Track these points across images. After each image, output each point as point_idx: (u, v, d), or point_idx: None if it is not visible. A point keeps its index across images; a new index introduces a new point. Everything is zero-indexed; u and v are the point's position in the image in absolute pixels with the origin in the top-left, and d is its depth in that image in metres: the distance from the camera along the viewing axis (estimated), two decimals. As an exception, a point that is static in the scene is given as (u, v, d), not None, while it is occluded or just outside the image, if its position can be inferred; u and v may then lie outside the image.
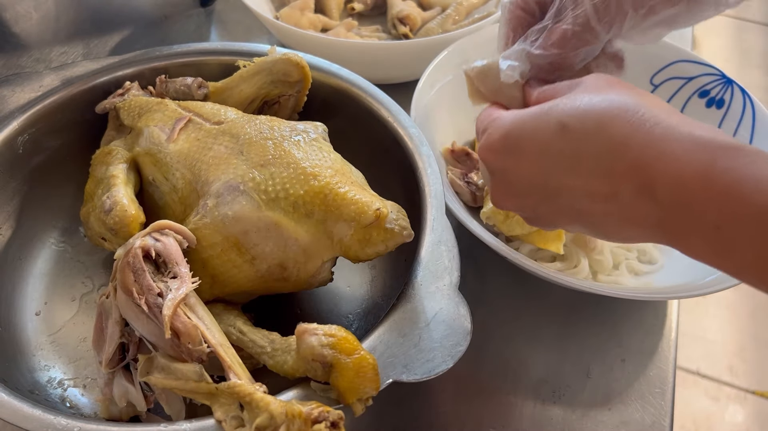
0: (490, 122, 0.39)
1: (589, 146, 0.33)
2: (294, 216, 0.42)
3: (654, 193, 0.31)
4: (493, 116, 0.39)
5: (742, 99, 0.62)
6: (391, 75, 0.74)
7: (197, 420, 0.36)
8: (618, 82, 0.36)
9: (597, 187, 0.34)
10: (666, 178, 0.30)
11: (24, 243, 0.53)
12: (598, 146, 0.33)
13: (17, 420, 0.36)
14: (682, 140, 0.30)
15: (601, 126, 0.33)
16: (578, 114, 0.34)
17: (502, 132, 0.37)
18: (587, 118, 0.33)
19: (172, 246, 0.41)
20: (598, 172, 0.33)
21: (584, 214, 0.36)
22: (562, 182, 0.35)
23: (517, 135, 0.37)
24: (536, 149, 0.36)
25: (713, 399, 1.38)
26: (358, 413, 0.36)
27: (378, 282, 0.54)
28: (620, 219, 0.34)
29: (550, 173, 0.36)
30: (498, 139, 0.38)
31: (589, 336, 0.54)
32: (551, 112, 0.35)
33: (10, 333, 0.49)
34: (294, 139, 0.46)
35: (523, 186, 0.38)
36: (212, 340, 0.39)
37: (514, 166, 0.38)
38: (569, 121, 0.34)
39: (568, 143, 0.34)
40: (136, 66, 0.57)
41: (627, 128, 0.32)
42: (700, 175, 0.29)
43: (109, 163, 0.50)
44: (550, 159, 0.35)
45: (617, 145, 0.32)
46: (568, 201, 0.36)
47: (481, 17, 0.78)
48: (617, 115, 0.32)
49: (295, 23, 0.79)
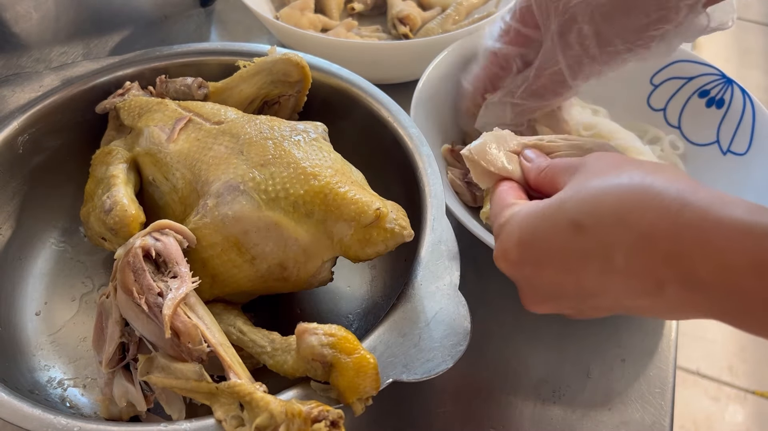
0: (501, 227, 0.37)
1: (615, 242, 0.30)
2: (294, 216, 0.42)
3: (702, 285, 0.28)
4: (503, 217, 0.37)
5: (742, 99, 0.62)
6: (391, 75, 0.74)
7: (197, 420, 0.36)
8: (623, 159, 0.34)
9: (638, 284, 0.31)
10: (711, 269, 0.28)
11: (24, 243, 0.54)
12: (625, 242, 0.30)
13: (17, 420, 0.36)
14: (721, 227, 0.27)
15: (620, 219, 0.30)
16: (591, 209, 0.31)
17: (515, 240, 0.35)
18: (603, 213, 0.31)
19: (172, 245, 0.41)
20: (634, 269, 0.30)
21: (632, 309, 0.33)
22: (597, 284, 0.33)
23: (530, 241, 0.34)
24: (556, 254, 0.33)
25: (713, 399, 1.38)
26: (358, 413, 0.36)
27: (378, 282, 0.54)
28: (672, 310, 0.31)
29: (580, 276, 0.33)
30: (512, 248, 0.35)
31: (589, 336, 0.54)
32: (561, 211, 0.33)
33: (10, 333, 0.49)
34: (294, 138, 0.46)
35: (552, 291, 0.36)
36: (212, 340, 0.39)
37: (536, 273, 0.35)
38: (584, 219, 0.32)
39: (591, 243, 0.32)
40: (136, 66, 0.57)
41: (650, 216, 0.29)
42: (751, 266, 0.26)
43: (109, 163, 0.50)
44: (575, 262, 0.33)
45: (645, 237, 0.29)
46: (611, 300, 0.33)
47: (481, 17, 0.78)
48: (635, 202, 0.30)
49: (295, 23, 0.79)
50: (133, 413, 0.42)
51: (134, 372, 0.41)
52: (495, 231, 0.38)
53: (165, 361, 0.39)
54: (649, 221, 0.29)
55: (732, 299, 0.28)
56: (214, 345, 0.38)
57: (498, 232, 0.37)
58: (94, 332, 0.43)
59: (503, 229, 0.36)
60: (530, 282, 0.36)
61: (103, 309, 0.43)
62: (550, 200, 0.34)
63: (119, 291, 0.40)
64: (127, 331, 0.41)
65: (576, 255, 0.32)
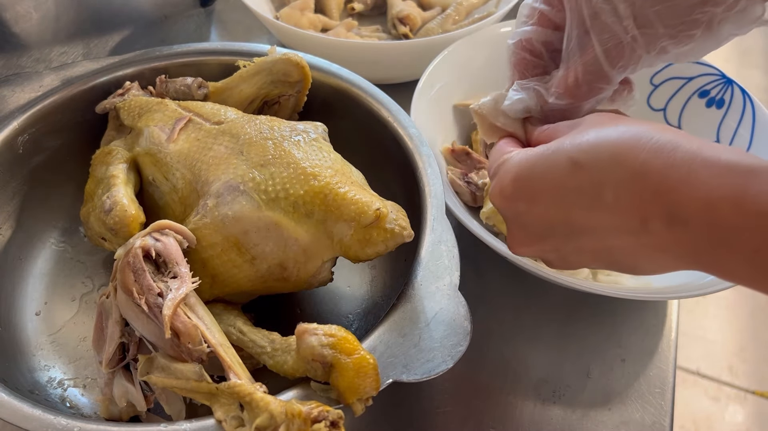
0: (499, 166, 0.38)
1: (608, 179, 0.32)
2: (294, 216, 0.42)
3: (684, 220, 0.30)
4: (502, 158, 0.38)
5: (742, 99, 0.62)
6: (391, 75, 0.74)
7: (197, 420, 0.36)
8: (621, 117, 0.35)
9: (623, 220, 0.32)
10: (695, 204, 0.29)
11: (24, 244, 0.54)
12: (617, 178, 0.31)
13: (17, 420, 0.36)
14: (707, 165, 0.29)
15: (616, 157, 0.31)
16: (589, 148, 0.33)
17: (512, 176, 0.36)
18: (600, 151, 0.32)
19: (172, 246, 0.41)
20: (622, 205, 0.32)
21: (614, 250, 0.34)
22: (585, 220, 0.34)
23: (527, 177, 0.36)
24: (550, 190, 0.35)
25: (713, 399, 1.38)
26: (358, 413, 0.36)
27: (378, 282, 0.54)
28: (652, 250, 0.32)
29: (570, 212, 0.34)
30: (508, 184, 0.36)
31: (589, 336, 0.54)
32: (560, 150, 0.34)
33: (10, 333, 0.49)
34: (294, 139, 0.46)
35: (541, 229, 0.37)
36: (212, 340, 0.39)
37: (528, 209, 0.36)
38: (581, 157, 0.33)
39: (585, 179, 0.33)
40: (136, 66, 0.57)
41: (644, 155, 0.30)
42: (732, 200, 0.28)
43: (109, 163, 0.50)
44: (567, 198, 0.34)
45: (637, 175, 0.31)
46: (595, 239, 0.34)
47: (481, 17, 0.78)
48: (632, 143, 0.31)
49: (295, 23, 0.79)
50: (133, 413, 0.42)
51: (134, 372, 0.41)
52: (491, 173, 0.39)
53: (165, 361, 0.39)
54: (642, 159, 0.30)
55: (711, 235, 0.29)
56: (214, 346, 0.38)
57: (494, 173, 0.38)
58: (94, 332, 0.43)
59: (500, 168, 0.38)
60: (521, 218, 0.37)
61: (103, 309, 0.43)
62: (549, 143, 0.35)
63: (119, 291, 0.40)
64: (127, 331, 0.41)
65: (569, 191, 0.34)
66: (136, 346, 0.41)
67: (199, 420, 0.36)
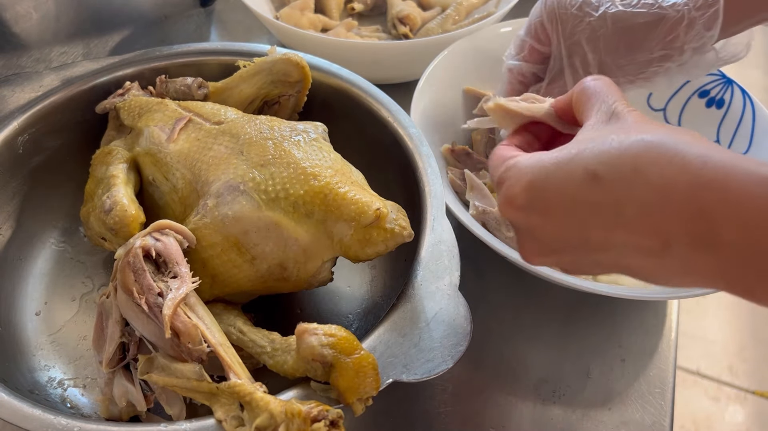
0: (507, 170, 0.35)
1: (629, 196, 0.30)
2: (294, 216, 0.42)
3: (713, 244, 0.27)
4: (508, 162, 0.36)
5: (742, 99, 0.62)
6: (391, 75, 0.74)
7: (197, 420, 0.36)
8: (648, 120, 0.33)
9: (646, 241, 0.30)
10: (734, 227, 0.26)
11: (24, 244, 0.54)
12: (640, 195, 0.29)
13: (17, 420, 0.36)
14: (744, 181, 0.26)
15: (638, 172, 0.29)
16: (610, 160, 0.30)
17: (524, 185, 0.34)
18: (621, 164, 0.30)
19: (172, 246, 0.41)
20: (645, 224, 0.30)
21: (633, 268, 0.32)
22: (603, 239, 0.32)
23: (541, 187, 0.33)
24: (566, 203, 0.32)
25: (713, 399, 1.38)
26: (358, 413, 0.36)
27: (378, 282, 0.54)
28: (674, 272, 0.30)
29: (589, 229, 0.32)
30: (520, 194, 0.34)
31: (589, 336, 0.54)
32: (577, 159, 0.32)
33: (10, 333, 0.49)
34: (294, 139, 0.46)
35: (556, 243, 0.34)
36: (212, 340, 0.39)
37: (542, 223, 0.34)
38: (600, 169, 0.31)
39: (604, 195, 0.31)
40: (136, 66, 0.57)
41: (669, 172, 0.28)
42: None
43: (109, 163, 0.50)
44: (584, 213, 0.32)
45: (662, 193, 0.28)
46: (614, 257, 0.32)
47: (481, 17, 0.78)
48: (655, 157, 0.29)
49: (295, 23, 0.79)
50: (133, 413, 0.42)
51: (134, 372, 0.41)
52: (496, 181, 0.37)
53: (165, 361, 0.39)
54: (668, 176, 0.28)
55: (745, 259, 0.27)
56: (214, 345, 0.38)
57: (501, 180, 0.36)
58: (94, 332, 0.43)
59: (507, 174, 0.35)
60: (534, 231, 0.35)
61: (103, 309, 0.43)
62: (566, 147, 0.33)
63: (119, 291, 0.40)
64: (127, 331, 0.41)
65: (587, 206, 0.32)
66: (136, 346, 0.41)
67: (199, 420, 0.36)
